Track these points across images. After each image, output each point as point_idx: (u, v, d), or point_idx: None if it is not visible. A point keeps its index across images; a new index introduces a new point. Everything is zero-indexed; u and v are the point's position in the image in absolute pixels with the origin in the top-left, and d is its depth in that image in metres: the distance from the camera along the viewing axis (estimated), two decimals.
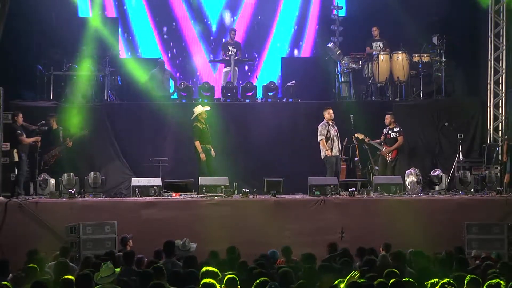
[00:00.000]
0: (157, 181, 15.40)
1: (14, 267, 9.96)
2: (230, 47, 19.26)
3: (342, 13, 20.01)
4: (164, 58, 19.98)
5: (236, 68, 19.29)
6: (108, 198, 15.47)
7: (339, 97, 18.90)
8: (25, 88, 18.45)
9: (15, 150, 15.48)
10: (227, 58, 19.24)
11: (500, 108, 17.93)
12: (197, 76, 20.48)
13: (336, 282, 7.91)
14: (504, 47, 17.90)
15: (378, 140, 16.84)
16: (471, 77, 18.73)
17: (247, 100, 18.66)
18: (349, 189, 15.04)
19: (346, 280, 7.80)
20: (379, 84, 18.48)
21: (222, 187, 15.09)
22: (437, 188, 15.89)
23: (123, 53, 20.07)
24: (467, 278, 7.76)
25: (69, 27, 18.81)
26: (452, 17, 18.99)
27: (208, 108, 16.53)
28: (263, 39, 20.76)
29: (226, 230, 13.73)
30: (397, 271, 8.46)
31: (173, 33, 20.65)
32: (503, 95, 17.83)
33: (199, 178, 15.38)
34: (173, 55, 20.59)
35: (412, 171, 15.97)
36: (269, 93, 18.67)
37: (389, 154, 16.70)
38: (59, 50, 18.57)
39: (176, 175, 16.49)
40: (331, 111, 16.40)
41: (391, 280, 7.71)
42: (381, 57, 18.32)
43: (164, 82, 18.99)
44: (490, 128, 17.81)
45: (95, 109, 17.67)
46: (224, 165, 16.37)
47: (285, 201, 14.90)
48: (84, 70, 18.19)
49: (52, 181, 15.48)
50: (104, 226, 13.59)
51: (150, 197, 14.96)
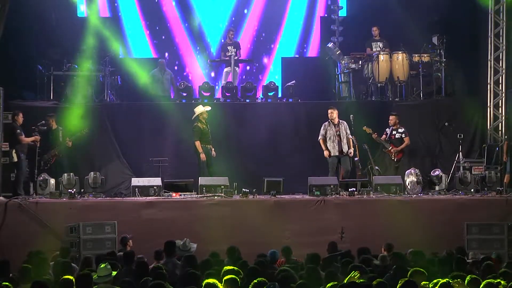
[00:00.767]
0: (157, 181, 15.40)
1: (14, 267, 9.95)
2: (230, 47, 19.26)
3: (342, 13, 20.01)
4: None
5: (236, 68, 19.29)
6: (108, 198, 15.47)
7: (339, 97, 18.90)
8: (25, 88, 18.46)
9: (14, 150, 15.47)
10: (227, 59, 19.24)
11: (500, 108, 17.93)
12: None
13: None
14: (504, 47, 17.90)
15: (384, 136, 16.85)
16: (471, 77, 18.72)
17: (247, 100, 18.66)
18: (349, 189, 15.04)
19: (346, 280, 7.81)
20: (379, 84, 18.48)
21: (222, 187, 15.09)
22: (437, 188, 15.89)
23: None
24: (467, 278, 7.75)
25: (69, 27, 18.80)
26: (452, 17, 19.00)
27: (209, 108, 16.53)
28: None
29: (226, 230, 13.72)
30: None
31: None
32: (503, 95, 17.83)
33: (199, 178, 15.38)
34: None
35: (412, 171, 15.98)
36: (269, 93, 18.67)
37: (395, 154, 16.70)
38: (59, 50, 18.57)
39: (176, 175, 16.50)
40: (331, 111, 16.38)
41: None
42: (381, 57, 18.32)
43: (164, 82, 18.99)
44: (490, 128, 17.81)
45: (95, 109, 17.67)
46: (224, 165, 16.37)
47: (285, 201, 14.90)
48: (84, 70, 18.20)
49: (52, 181, 15.49)
50: (104, 226, 13.58)
51: (150, 197, 14.96)
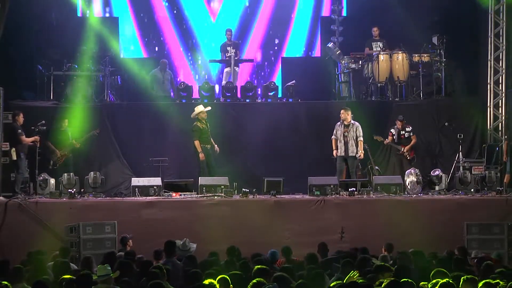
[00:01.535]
0: (157, 181, 15.41)
1: None
2: (229, 48, 19.24)
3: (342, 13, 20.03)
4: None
5: (236, 68, 19.27)
6: (108, 198, 15.47)
7: (339, 97, 18.90)
8: (25, 88, 18.45)
9: (13, 150, 15.47)
10: (227, 59, 19.23)
11: (500, 108, 17.93)
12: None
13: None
14: (504, 47, 17.90)
15: (389, 139, 16.88)
16: (471, 77, 18.72)
17: (247, 100, 18.66)
18: (349, 189, 15.04)
19: (346, 280, 7.81)
20: (379, 84, 18.48)
21: (222, 187, 15.09)
22: (437, 188, 15.90)
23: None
24: (463, 278, 7.75)
25: (69, 27, 18.82)
26: (452, 17, 18.99)
27: (209, 108, 16.53)
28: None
29: (226, 230, 13.73)
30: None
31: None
32: (503, 95, 17.83)
33: (199, 178, 15.38)
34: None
35: (412, 171, 15.99)
36: (269, 93, 18.67)
37: (408, 154, 16.73)
38: (59, 50, 18.57)
39: (176, 175, 16.50)
40: (342, 111, 16.31)
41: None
42: (381, 57, 18.32)
43: (165, 82, 18.98)
44: (490, 128, 17.81)
45: (95, 109, 17.67)
46: (224, 165, 16.38)
47: (285, 201, 14.90)
48: (84, 70, 18.21)
49: (52, 181, 15.50)
50: (104, 226, 13.58)
51: (150, 197, 14.97)
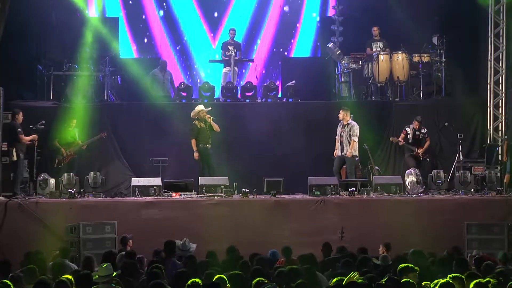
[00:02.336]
0: (157, 181, 15.41)
1: (14, 267, 9.95)
2: (230, 47, 19.24)
3: (342, 13, 20.00)
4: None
5: (236, 68, 19.27)
6: (108, 198, 15.48)
7: (339, 97, 18.90)
8: (25, 88, 18.44)
9: (14, 149, 15.48)
10: (227, 58, 19.23)
11: (500, 108, 17.93)
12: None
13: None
14: (504, 47, 17.90)
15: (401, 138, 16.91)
16: (471, 77, 18.72)
17: (247, 100, 18.66)
18: (349, 189, 15.05)
19: (345, 280, 7.81)
20: (379, 84, 18.48)
21: (222, 187, 15.10)
22: (437, 188, 15.88)
23: None
24: (472, 284, 7.69)
25: (69, 27, 18.80)
26: (452, 17, 18.98)
27: (210, 108, 16.51)
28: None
29: (226, 230, 13.73)
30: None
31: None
32: (503, 95, 17.83)
33: (199, 178, 15.39)
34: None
35: (412, 171, 16.00)
36: (269, 93, 18.66)
37: (422, 155, 16.77)
38: (59, 50, 18.57)
39: (176, 175, 16.49)
40: (341, 111, 16.34)
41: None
42: (381, 57, 18.32)
43: (165, 82, 18.98)
44: (490, 128, 17.80)
45: (95, 109, 17.66)
46: (224, 165, 16.38)
47: (285, 201, 14.90)
48: (84, 70, 18.21)
49: (52, 181, 15.51)
50: (104, 226, 13.59)
51: (150, 197, 14.97)
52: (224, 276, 7.93)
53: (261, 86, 19.17)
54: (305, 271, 8.75)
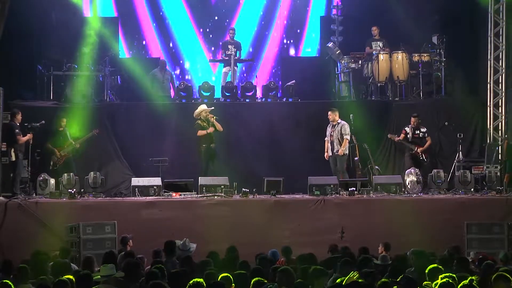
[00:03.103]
0: (157, 181, 15.42)
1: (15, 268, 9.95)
2: (230, 46, 19.24)
3: (342, 13, 20.00)
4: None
5: (236, 68, 19.27)
6: (108, 198, 15.49)
7: (339, 97, 18.90)
8: (25, 88, 18.44)
9: (13, 150, 15.49)
10: (227, 58, 19.22)
11: (500, 108, 17.90)
12: None
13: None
14: (504, 47, 17.87)
15: (401, 137, 16.86)
16: (471, 77, 18.71)
17: (247, 100, 18.66)
18: (349, 189, 15.05)
19: (346, 280, 7.81)
20: (379, 84, 18.49)
21: (222, 187, 15.11)
22: (437, 188, 15.88)
23: None
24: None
25: (69, 27, 18.80)
26: (452, 17, 18.99)
27: (212, 108, 16.48)
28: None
29: (226, 230, 13.74)
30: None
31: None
32: (503, 95, 17.81)
33: (199, 178, 15.39)
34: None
35: (412, 171, 15.99)
36: (269, 93, 18.66)
37: (423, 154, 16.70)
38: (59, 50, 18.56)
39: (176, 175, 16.49)
40: (330, 113, 16.44)
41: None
42: (381, 57, 18.32)
43: (165, 82, 18.97)
44: (490, 128, 17.77)
45: (95, 109, 17.67)
46: (224, 165, 16.38)
47: (285, 201, 14.90)
48: (84, 70, 18.21)
49: (52, 181, 15.51)
50: (104, 226, 13.60)
51: (150, 197, 14.98)
52: (230, 275, 7.94)
53: (262, 86, 19.23)
54: (303, 271, 8.75)
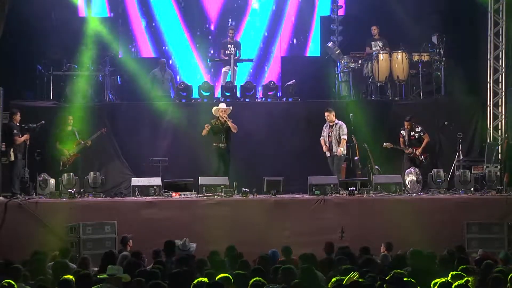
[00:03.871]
0: (157, 181, 15.42)
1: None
2: (230, 46, 19.23)
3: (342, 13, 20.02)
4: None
5: (236, 68, 19.27)
6: (108, 198, 15.49)
7: (339, 97, 18.89)
8: (25, 88, 18.46)
9: (12, 149, 15.50)
10: (226, 58, 19.22)
11: (500, 107, 17.90)
12: None
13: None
14: (504, 46, 17.87)
15: (400, 142, 16.81)
16: (471, 76, 18.69)
17: (247, 100, 18.66)
18: (349, 189, 15.05)
19: (345, 280, 7.81)
20: (379, 83, 18.48)
21: (222, 187, 15.10)
22: (437, 187, 15.88)
23: None
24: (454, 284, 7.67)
25: (69, 27, 18.80)
26: (452, 16, 19.00)
27: (223, 106, 16.22)
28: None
29: (226, 230, 13.74)
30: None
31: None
32: (503, 94, 17.81)
33: (199, 178, 15.38)
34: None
35: (412, 171, 15.99)
36: (269, 93, 18.67)
37: (421, 155, 16.67)
38: (59, 50, 18.56)
39: (176, 175, 16.49)
40: (327, 114, 16.39)
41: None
42: (381, 56, 18.32)
43: (165, 82, 18.97)
44: (490, 127, 17.78)
45: (95, 109, 17.67)
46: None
47: (285, 201, 14.90)
48: (84, 70, 18.21)
49: (52, 181, 15.51)
50: (104, 226, 13.62)
51: (150, 197, 14.98)
52: (230, 275, 7.95)
53: (262, 86, 19.24)
54: (303, 271, 8.75)
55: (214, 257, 10.54)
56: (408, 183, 15.76)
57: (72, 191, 14.86)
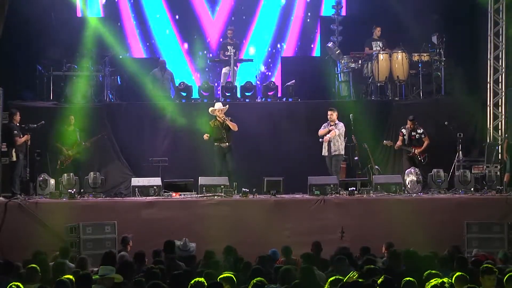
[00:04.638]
0: (157, 181, 15.41)
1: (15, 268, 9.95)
2: (229, 47, 19.22)
3: (342, 13, 20.00)
4: None
5: (236, 68, 19.26)
6: (108, 198, 15.49)
7: (339, 97, 18.89)
8: (25, 88, 18.45)
9: (14, 150, 15.50)
10: (226, 58, 19.21)
11: (500, 107, 17.90)
12: None
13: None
14: (504, 46, 17.88)
15: (399, 140, 16.80)
16: (471, 76, 18.71)
17: (247, 100, 18.65)
18: (349, 189, 15.04)
19: (345, 280, 7.81)
20: (379, 84, 18.48)
21: (222, 187, 15.10)
22: (437, 187, 15.88)
23: None
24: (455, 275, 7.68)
25: (69, 27, 18.82)
26: (452, 16, 19.00)
27: (220, 106, 16.18)
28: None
29: (226, 230, 13.74)
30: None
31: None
32: (503, 94, 17.81)
33: (199, 178, 15.38)
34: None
35: (412, 170, 15.98)
36: (269, 93, 18.67)
37: (420, 155, 16.68)
38: (59, 50, 18.56)
39: (176, 175, 16.49)
40: (330, 113, 16.34)
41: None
42: (381, 56, 18.32)
43: (165, 82, 18.97)
44: (490, 127, 17.78)
45: (95, 109, 17.67)
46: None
47: (285, 201, 14.90)
48: (84, 70, 18.21)
49: (52, 181, 15.51)
50: (104, 226, 13.60)
51: (150, 197, 14.97)
52: (232, 275, 7.95)
53: (262, 86, 19.23)
54: (303, 271, 8.75)
55: (209, 257, 10.53)
56: (408, 183, 15.76)
57: (72, 191, 14.86)
